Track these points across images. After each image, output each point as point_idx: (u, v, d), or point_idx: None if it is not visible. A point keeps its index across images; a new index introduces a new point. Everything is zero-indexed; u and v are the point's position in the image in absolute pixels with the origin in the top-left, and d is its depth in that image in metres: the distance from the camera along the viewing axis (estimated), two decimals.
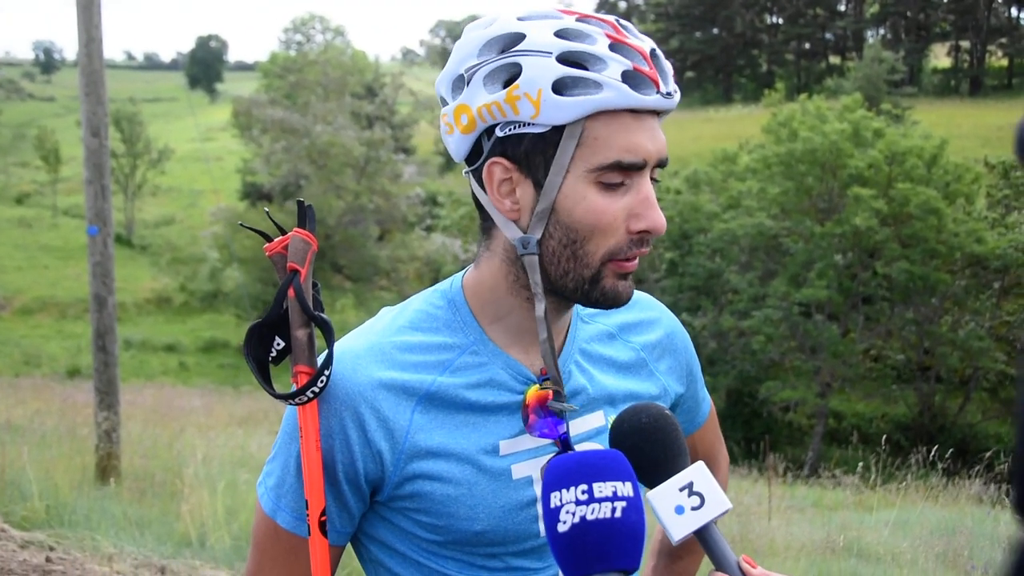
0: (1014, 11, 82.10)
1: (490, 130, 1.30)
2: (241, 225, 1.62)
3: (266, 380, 1.32)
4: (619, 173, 1.26)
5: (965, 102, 68.70)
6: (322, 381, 1.27)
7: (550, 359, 1.32)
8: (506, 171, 1.30)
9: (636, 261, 1.31)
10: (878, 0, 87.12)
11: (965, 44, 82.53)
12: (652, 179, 1.31)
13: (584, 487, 1.07)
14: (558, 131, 1.25)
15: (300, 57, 58.52)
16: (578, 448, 1.37)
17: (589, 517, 1.05)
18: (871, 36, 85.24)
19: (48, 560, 5.38)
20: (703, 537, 1.19)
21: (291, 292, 1.30)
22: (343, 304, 40.67)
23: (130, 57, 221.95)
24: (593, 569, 1.05)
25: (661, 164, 1.30)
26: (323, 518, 1.28)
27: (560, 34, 1.25)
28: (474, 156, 1.34)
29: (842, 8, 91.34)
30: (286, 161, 45.66)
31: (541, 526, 1.36)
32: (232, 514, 6.72)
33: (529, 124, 1.26)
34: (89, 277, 8.50)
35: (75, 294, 44.69)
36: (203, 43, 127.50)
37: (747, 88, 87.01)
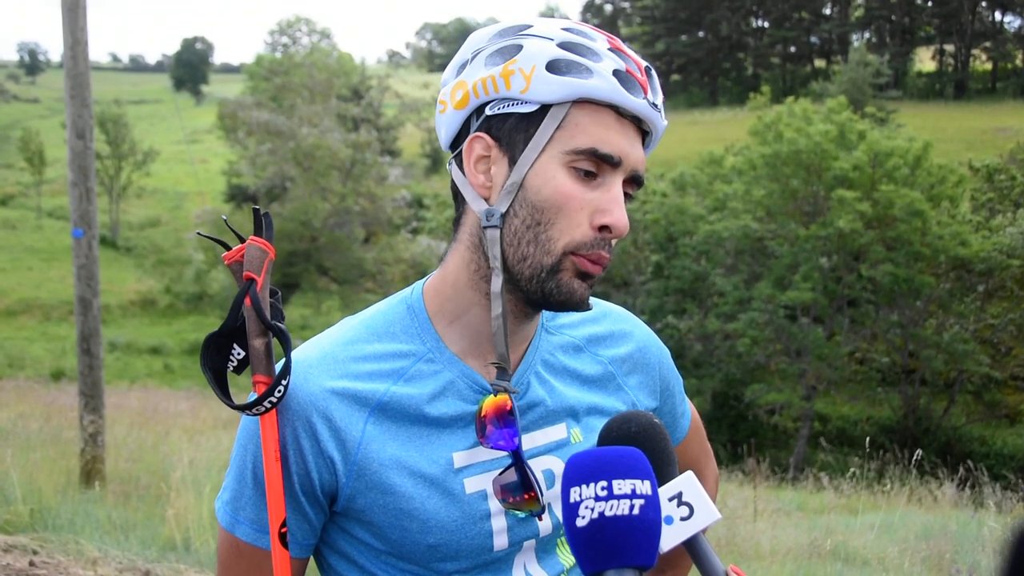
0: (998, 15, 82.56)
1: (480, 110, 1.33)
2: (199, 234, 1.61)
3: (223, 391, 1.31)
4: (593, 163, 1.27)
5: (949, 106, 69.01)
6: (279, 391, 1.25)
7: (501, 336, 1.31)
8: (486, 148, 1.32)
9: (599, 266, 1.31)
10: (863, 4, 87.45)
11: (950, 48, 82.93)
12: (626, 194, 1.32)
13: (604, 484, 1.07)
14: (543, 112, 1.28)
15: (286, 59, 58.36)
16: (534, 463, 1.37)
17: (608, 513, 1.05)
18: (856, 40, 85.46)
19: (32, 564, 5.35)
20: (692, 547, 1.19)
21: (247, 301, 1.28)
22: (329, 306, 40.61)
23: (115, 59, 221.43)
24: (609, 564, 1.06)
25: (637, 179, 1.32)
26: (283, 529, 1.26)
27: (566, 28, 1.31)
28: (460, 138, 1.37)
29: (827, 12, 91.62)
30: (271, 163, 45.59)
31: (495, 541, 1.35)
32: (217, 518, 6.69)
33: (518, 102, 1.29)
34: (74, 280, 8.46)
35: (59, 296, 44.49)
36: (189, 45, 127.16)
37: (732, 91, 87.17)
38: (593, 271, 1.30)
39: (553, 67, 1.26)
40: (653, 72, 1.33)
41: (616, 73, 1.27)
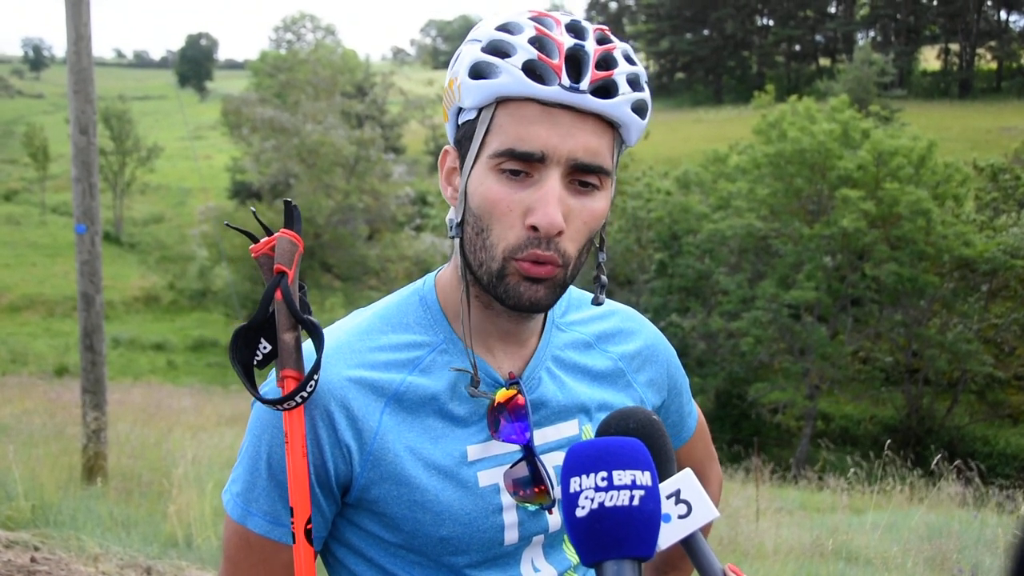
0: (1003, 14, 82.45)
1: (456, 121, 1.34)
2: (227, 225, 1.59)
3: (252, 384, 1.29)
4: (517, 163, 1.24)
5: (954, 105, 68.95)
6: (311, 386, 1.24)
7: (468, 341, 1.35)
8: (455, 159, 1.34)
9: (545, 267, 1.26)
10: (868, 2, 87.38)
11: (955, 47, 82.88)
12: (582, 183, 1.27)
13: (604, 474, 1.06)
14: (477, 118, 1.28)
15: (290, 56, 58.49)
16: (545, 458, 1.37)
17: (607, 504, 1.05)
18: (861, 38, 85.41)
19: (33, 560, 5.35)
20: (689, 546, 1.18)
21: (278, 294, 1.28)
22: (332, 303, 40.61)
23: (120, 55, 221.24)
24: (608, 555, 1.05)
25: (585, 167, 1.25)
26: (309, 526, 1.25)
27: (499, 27, 1.27)
28: None
29: (832, 10, 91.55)
30: (276, 160, 45.65)
31: (507, 535, 1.36)
32: (219, 514, 6.69)
33: (465, 110, 1.30)
34: (77, 276, 8.45)
35: (63, 292, 44.55)
36: (193, 41, 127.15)
37: (737, 90, 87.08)
38: (537, 273, 1.26)
39: (473, 72, 1.26)
40: (586, 51, 1.25)
41: (526, 64, 1.23)
